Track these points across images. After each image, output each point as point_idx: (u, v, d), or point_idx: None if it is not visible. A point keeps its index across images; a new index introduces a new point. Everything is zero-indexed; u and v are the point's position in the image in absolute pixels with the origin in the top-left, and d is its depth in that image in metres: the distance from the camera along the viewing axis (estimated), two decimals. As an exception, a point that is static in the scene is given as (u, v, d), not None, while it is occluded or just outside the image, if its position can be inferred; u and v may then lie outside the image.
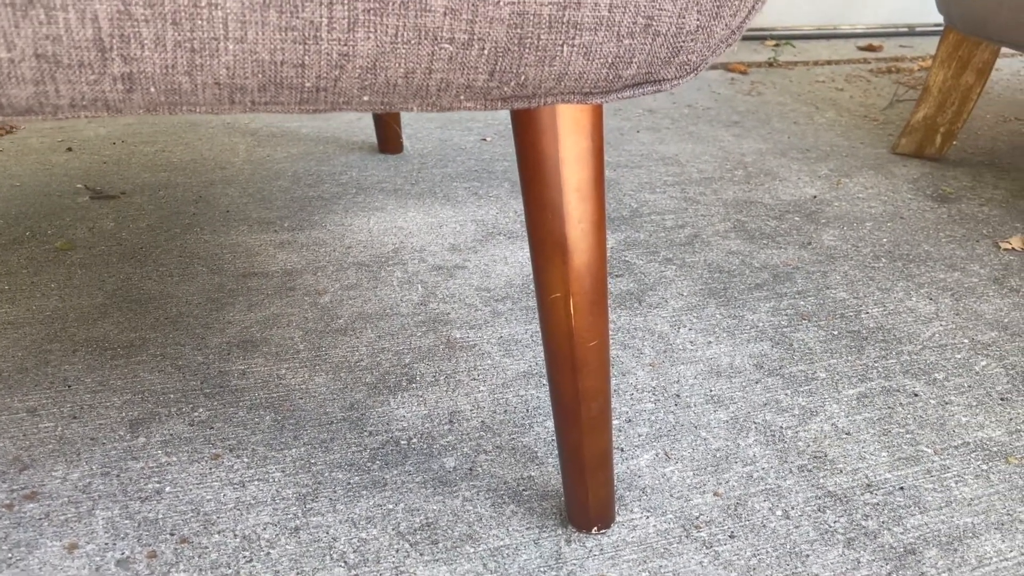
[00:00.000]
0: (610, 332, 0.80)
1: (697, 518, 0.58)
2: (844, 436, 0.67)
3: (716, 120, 1.45)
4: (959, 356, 0.78)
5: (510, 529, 0.56)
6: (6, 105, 0.36)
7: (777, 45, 1.97)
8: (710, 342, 0.79)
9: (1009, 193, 1.18)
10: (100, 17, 0.34)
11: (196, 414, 0.66)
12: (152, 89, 0.37)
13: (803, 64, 1.84)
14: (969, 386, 0.74)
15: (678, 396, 0.71)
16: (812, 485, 0.62)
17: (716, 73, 1.75)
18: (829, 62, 1.86)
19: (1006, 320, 0.85)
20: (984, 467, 0.64)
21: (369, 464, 0.61)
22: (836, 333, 0.81)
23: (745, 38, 2.01)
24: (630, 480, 0.61)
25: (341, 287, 0.85)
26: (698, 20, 0.42)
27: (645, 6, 0.41)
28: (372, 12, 0.37)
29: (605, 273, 0.50)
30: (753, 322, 0.82)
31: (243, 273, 0.86)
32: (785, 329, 0.81)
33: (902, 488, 0.62)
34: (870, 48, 1.97)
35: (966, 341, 0.81)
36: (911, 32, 2.14)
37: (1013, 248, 1.00)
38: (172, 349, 0.73)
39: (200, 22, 0.35)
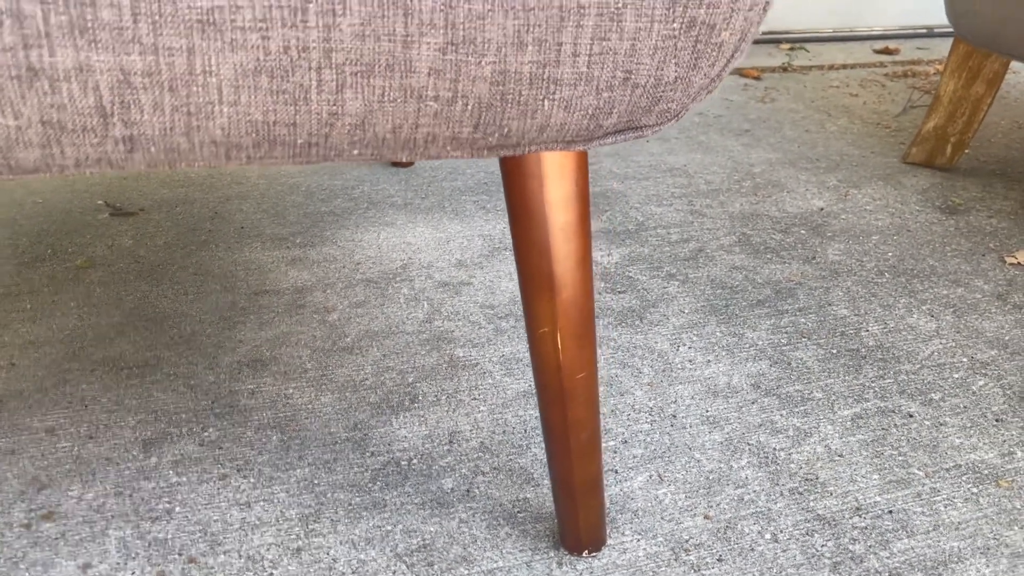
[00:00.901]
0: (611, 351, 0.81)
1: (687, 541, 0.60)
2: (837, 458, 0.68)
3: (727, 129, 1.45)
4: (957, 376, 0.79)
5: (504, 552, 0.58)
6: (15, 167, 0.38)
7: (792, 49, 1.96)
8: (709, 361, 0.80)
9: (1019, 204, 1.17)
10: (101, 86, 0.36)
11: (206, 434, 0.68)
12: (152, 149, 0.39)
13: (818, 68, 1.84)
14: (965, 407, 0.75)
15: (674, 416, 0.72)
16: (802, 508, 0.63)
17: (729, 79, 1.76)
18: (844, 66, 1.85)
19: (1007, 338, 0.85)
20: (974, 490, 0.65)
21: (370, 485, 0.64)
22: (835, 352, 0.82)
23: (759, 42, 2.01)
24: (623, 502, 0.63)
25: (349, 304, 0.87)
26: (676, 72, 0.44)
27: (623, 61, 0.42)
28: (359, 75, 0.39)
29: (592, 308, 0.52)
30: (753, 340, 0.84)
31: (255, 291, 0.89)
32: (784, 347, 0.83)
33: (891, 512, 0.63)
34: (886, 51, 1.97)
35: (965, 360, 0.82)
36: (929, 33, 2.12)
37: (1018, 263, 1.00)
38: (185, 368, 0.76)
39: (196, 88, 0.37)
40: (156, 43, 0.36)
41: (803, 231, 1.08)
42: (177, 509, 0.61)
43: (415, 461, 0.66)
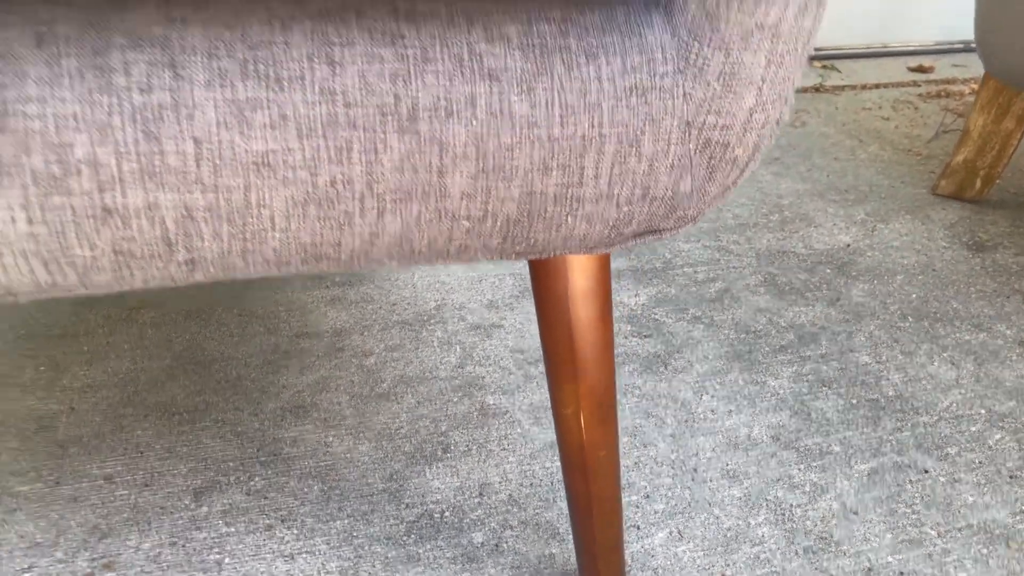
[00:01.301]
0: (636, 399, 0.84)
1: (703, 600, 0.63)
2: (851, 516, 0.71)
3: (757, 156, 1.47)
4: (974, 429, 0.81)
5: (529, 609, 0.62)
6: (89, 286, 0.43)
7: (825, 67, 1.97)
8: (731, 411, 0.83)
9: (1047, 241, 1.18)
10: (167, 220, 0.40)
11: (252, 483, 0.73)
12: (211, 269, 0.43)
13: (850, 88, 1.84)
14: (980, 463, 0.77)
15: (695, 471, 0.75)
16: (816, 569, 0.66)
17: (761, 99, 1.77)
18: (877, 85, 1.85)
19: (1026, 388, 0.87)
20: (984, 551, 0.68)
21: (405, 538, 0.68)
22: (855, 402, 0.85)
23: (793, 60, 2.01)
24: (644, 560, 0.66)
25: (386, 348, 0.91)
26: (692, 185, 0.47)
27: (642, 179, 0.45)
28: (398, 201, 0.42)
29: (614, 390, 0.55)
30: (774, 389, 0.86)
31: (297, 333, 0.93)
32: (805, 397, 0.85)
33: (902, 573, 0.66)
34: (920, 69, 1.96)
35: (983, 412, 0.83)
36: (966, 48, 2.11)
37: (1043, 306, 1.02)
38: (232, 414, 0.81)
39: (251, 219, 0.41)
40: (216, 183, 0.40)
41: (828, 270, 1.09)
42: (227, 560, 0.65)
43: (447, 514, 0.70)
